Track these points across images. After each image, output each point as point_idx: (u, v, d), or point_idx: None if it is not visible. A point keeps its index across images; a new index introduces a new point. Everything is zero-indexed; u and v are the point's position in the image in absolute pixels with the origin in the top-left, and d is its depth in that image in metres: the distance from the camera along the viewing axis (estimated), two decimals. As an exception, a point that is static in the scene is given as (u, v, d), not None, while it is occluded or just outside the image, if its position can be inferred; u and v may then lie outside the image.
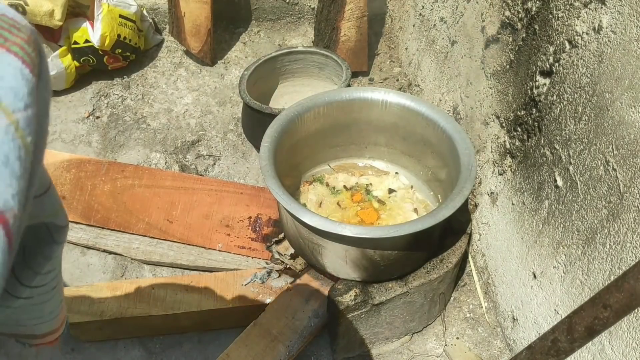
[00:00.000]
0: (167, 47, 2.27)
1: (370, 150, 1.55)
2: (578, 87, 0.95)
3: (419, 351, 1.33)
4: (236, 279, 1.37)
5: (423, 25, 1.86)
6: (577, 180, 0.98)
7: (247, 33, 2.35)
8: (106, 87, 2.08)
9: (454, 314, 1.40)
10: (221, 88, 2.09)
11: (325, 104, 1.41)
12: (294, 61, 1.85)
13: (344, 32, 2.00)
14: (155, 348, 1.34)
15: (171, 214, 1.53)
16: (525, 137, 1.16)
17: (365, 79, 2.13)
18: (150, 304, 1.31)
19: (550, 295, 1.10)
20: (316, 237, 1.18)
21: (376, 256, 1.16)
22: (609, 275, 0.90)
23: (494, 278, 1.37)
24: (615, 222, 0.87)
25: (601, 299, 0.63)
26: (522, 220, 1.20)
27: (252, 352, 1.21)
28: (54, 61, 1.93)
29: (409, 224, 1.12)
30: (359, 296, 1.19)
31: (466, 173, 1.18)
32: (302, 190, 1.48)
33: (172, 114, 1.98)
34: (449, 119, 1.32)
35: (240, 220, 1.52)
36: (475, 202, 1.43)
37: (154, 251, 1.48)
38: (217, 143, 1.87)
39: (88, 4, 1.96)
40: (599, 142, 0.91)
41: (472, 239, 1.47)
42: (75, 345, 1.34)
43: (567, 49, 0.98)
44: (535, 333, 1.18)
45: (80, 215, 1.55)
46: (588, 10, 0.90)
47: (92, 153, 1.83)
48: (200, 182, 1.61)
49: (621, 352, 0.88)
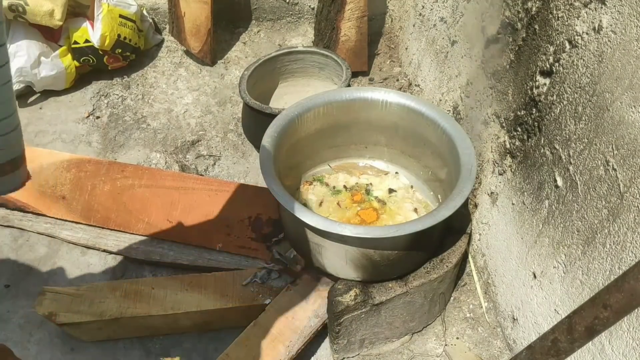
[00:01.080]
0: (167, 47, 2.27)
1: (370, 150, 1.55)
2: (578, 87, 0.95)
3: (419, 351, 1.33)
4: (236, 278, 1.37)
5: (423, 25, 1.86)
6: (577, 180, 0.98)
7: (247, 33, 2.35)
8: (106, 87, 2.08)
9: (454, 314, 1.40)
10: (221, 88, 2.09)
11: (325, 104, 1.41)
12: (294, 61, 1.85)
13: (344, 32, 2.00)
14: (155, 348, 1.34)
15: (171, 214, 1.53)
16: (526, 137, 1.16)
17: (365, 78, 2.13)
18: (150, 304, 1.31)
19: (550, 295, 1.10)
20: (316, 237, 1.18)
21: (376, 256, 1.16)
22: (609, 275, 0.90)
23: (494, 278, 1.37)
24: (615, 222, 0.87)
25: (601, 299, 0.63)
26: (522, 220, 1.20)
27: (252, 352, 1.21)
28: (54, 61, 1.93)
29: (409, 224, 1.12)
30: (359, 296, 1.19)
31: (466, 173, 1.18)
32: (302, 190, 1.48)
33: (172, 113, 1.98)
34: (449, 119, 1.32)
35: (240, 220, 1.52)
36: (475, 202, 1.43)
37: (154, 251, 1.48)
38: (217, 143, 1.87)
39: (88, 4, 1.96)
40: (599, 142, 0.91)
41: (472, 239, 1.47)
42: (75, 345, 1.34)
43: (567, 48, 0.98)
44: (535, 333, 1.18)
45: (80, 215, 1.55)
46: (588, 10, 0.90)
47: (92, 153, 1.83)
48: (200, 182, 1.61)
49: (621, 352, 0.88)
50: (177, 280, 1.37)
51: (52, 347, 1.34)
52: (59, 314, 1.28)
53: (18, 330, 1.37)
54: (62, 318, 1.28)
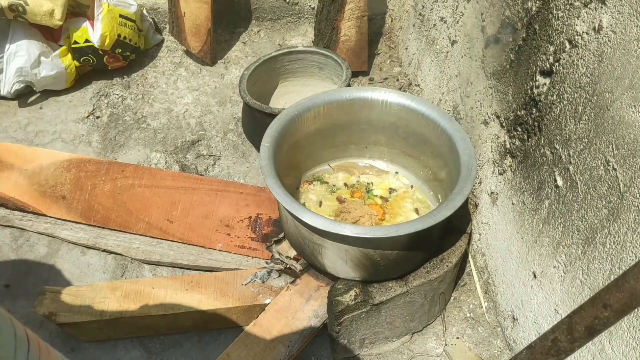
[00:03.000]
0: (167, 46, 2.27)
1: (370, 150, 1.55)
2: (578, 87, 0.95)
3: (419, 351, 1.33)
4: (236, 278, 1.37)
5: (423, 25, 1.86)
6: (577, 180, 0.98)
7: (247, 33, 2.35)
8: (106, 87, 2.08)
9: (454, 314, 1.40)
10: (221, 88, 2.09)
11: (325, 103, 1.41)
12: (294, 61, 1.85)
13: (344, 31, 2.00)
14: (155, 348, 1.34)
15: (171, 214, 1.53)
16: (526, 137, 1.16)
17: (365, 78, 2.13)
18: (150, 304, 1.31)
19: (550, 295, 1.10)
20: (316, 237, 1.18)
21: (376, 256, 1.16)
22: (609, 275, 0.90)
23: (494, 278, 1.37)
24: (615, 222, 0.87)
25: (601, 298, 0.63)
26: (522, 220, 1.20)
27: (252, 352, 1.21)
28: (54, 61, 1.93)
29: (409, 223, 1.12)
30: (359, 296, 1.19)
31: (466, 173, 1.18)
32: (302, 189, 1.48)
33: (172, 113, 1.98)
34: (449, 119, 1.32)
35: (241, 220, 1.52)
36: (476, 201, 1.43)
37: (154, 251, 1.48)
38: (217, 143, 1.87)
39: (88, 4, 1.96)
40: (599, 142, 0.91)
41: (472, 239, 1.47)
42: (75, 345, 1.34)
43: (567, 48, 0.97)
44: (536, 333, 1.18)
45: (80, 215, 1.55)
46: (588, 10, 0.90)
47: (92, 153, 1.83)
48: (201, 182, 1.61)
49: (621, 351, 0.88)
50: (177, 280, 1.37)
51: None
52: (59, 314, 1.28)
53: (18, 330, 1.37)
54: (62, 318, 1.28)
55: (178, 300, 1.32)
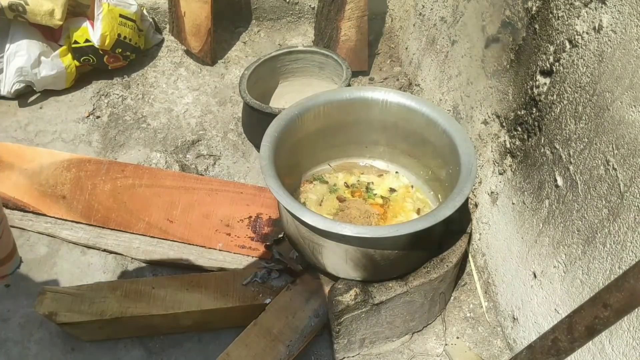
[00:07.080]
0: (167, 46, 2.27)
1: (370, 149, 1.55)
2: (578, 87, 0.95)
3: (419, 350, 1.33)
4: (236, 278, 1.37)
5: (423, 24, 1.86)
6: (578, 179, 0.98)
7: (247, 32, 2.35)
8: (106, 87, 2.08)
9: (454, 314, 1.40)
10: (221, 88, 2.09)
11: (325, 103, 1.41)
12: (294, 61, 1.85)
13: (344, 31, 2.00)
14: (155, 348, 1.34)
15: (171, 214, 1.53)
16: (526, 137, 1.16)
17: (365, 78, 2.13)
18: (150, 303, 1.31)
19: (550, 294, 1.10)
20: (316, 237, 1.18)
21: (376, 255, 1.16)
22: (609, 274, 0.90)
23: (494, 277, 1.37)
24: (615, 222, 0.87)
25: (601, 298, 0.63)
26: (522, 219, 1.20)
27: (252, 352, 1.21)
28: (54, 61, 1.93)
29: (409, 223, 1.12)
30: (359, 296, 1.19)
31: (466, 172, 1.18)
32: (302, 189, 1.48)
33: (172, 113, 1.98)
34: (449, 119, 1.32)
35: (241, 219, 1.52)
36: (476, 201, 1.43)
37: (155, 251, 1.48)
38: (218, 143, 1.87)
39: (88, 4, 1.96)
40: (599, 142, 0.91)
41: (472, 239, 1.47)
42: (76, 345, 1.34)
43: (567, 48, 0.97)
44: (536, 332, 1.18)
45: (80, 214, 1.55)
46: (588, 10, 0.90)
47: (92, 152, 1.83)
48: (201, 182, 1.61)
49: (621, 351, 0.88)
50: (177, 280, 1.37)
51: (52, 347, 1.34)
52: (59, 314, 1.28)
53: (18, 329, 1.37)
54: (62, 318, 1.28)
55: (178, 299, 1.32)
